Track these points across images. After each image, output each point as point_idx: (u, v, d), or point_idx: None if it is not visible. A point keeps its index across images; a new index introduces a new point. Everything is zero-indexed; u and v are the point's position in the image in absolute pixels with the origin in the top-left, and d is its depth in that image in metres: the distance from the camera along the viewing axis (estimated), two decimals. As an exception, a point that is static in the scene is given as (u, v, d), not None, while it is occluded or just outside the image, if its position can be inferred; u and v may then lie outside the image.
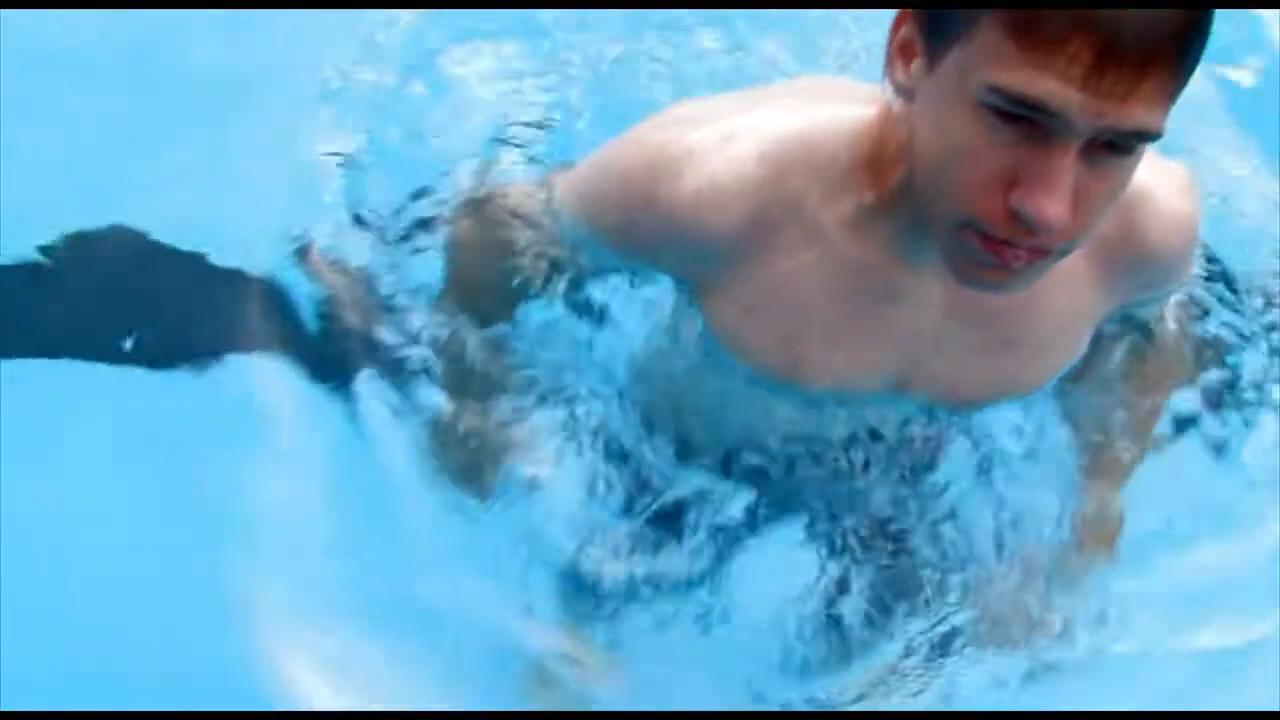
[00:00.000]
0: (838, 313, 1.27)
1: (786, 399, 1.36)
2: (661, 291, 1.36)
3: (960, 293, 1.22)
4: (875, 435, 1.41)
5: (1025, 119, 1.02)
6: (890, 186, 1.18)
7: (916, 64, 1.10)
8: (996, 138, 1.03)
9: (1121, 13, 0.97)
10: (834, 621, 1.48)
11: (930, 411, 1.39)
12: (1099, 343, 1.39)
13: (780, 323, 1.28)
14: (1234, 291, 1.61)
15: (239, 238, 1.66)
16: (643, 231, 1.25)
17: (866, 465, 1.44)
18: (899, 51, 1.12)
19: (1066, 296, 1.29)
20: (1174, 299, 1.45)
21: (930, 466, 1.46)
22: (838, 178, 1.22)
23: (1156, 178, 1.27)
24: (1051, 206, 1.02)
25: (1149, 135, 1.03)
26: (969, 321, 1.28)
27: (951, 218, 1.09)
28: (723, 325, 1.30)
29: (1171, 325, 1.46)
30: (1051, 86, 0.99)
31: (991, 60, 1.01)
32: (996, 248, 1.07)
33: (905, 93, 1.12)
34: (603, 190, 1.28)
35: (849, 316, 1.27)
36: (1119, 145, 1.03)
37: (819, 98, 1.28)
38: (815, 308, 1.27)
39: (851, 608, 1.48)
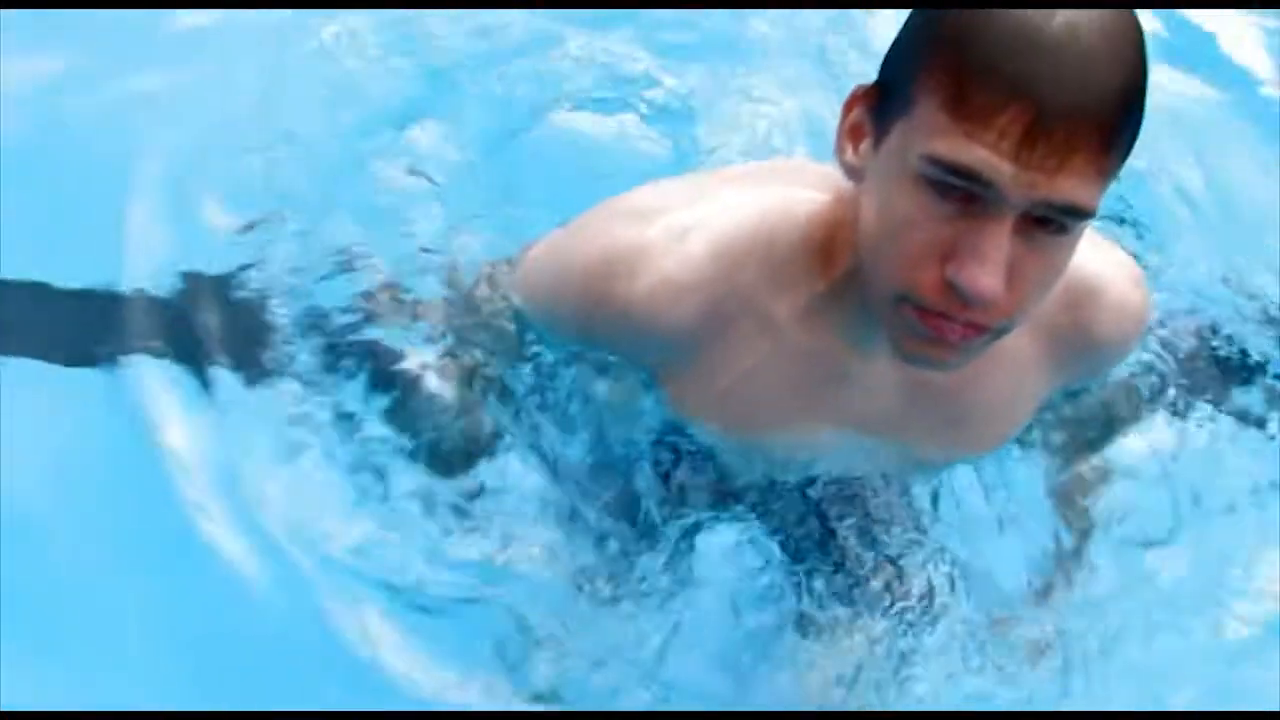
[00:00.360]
0: (793, 399, 1.30)
1: (750, 455, 1.39)
2: (620, 369, 1.37)
3: (910, 375, 1.25)
4: (840, 481, 1.43)
5: (962, 192, 1.04)
6: (841, 271, 1.20)
7: (865, 144, 1.13)
8: (934, 211, 1.05)
9: (1052, 86, 0.99)
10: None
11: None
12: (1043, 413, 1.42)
13: (737, 408, 1.31)
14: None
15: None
16: (599, 326, 1.26)
17: (829, 504, 1.45)
18: (849, 133, 1.15)
19: (1013, 378, 1.32)
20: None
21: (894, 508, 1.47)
22: (790, 268, 1.24)
23: (1109, 269, 1.31)
24: (985, 278, 1.04)
25: (1082, 211, 1.04)
26: (919, 402, 1.31)
27: (890, 292, 1.11)
28: (681, 407, 1.33)
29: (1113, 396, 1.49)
30: (983, 154, 1.01)
31: (929, 133, 1.04)
32: (934, 321, 1.09)
33: (855, 173, 1.15)
34: (558, 284, 1.29)
35: (804, 402, 1.30)
36: (1055, 223, 1.05)
37: (773, 182, 1.29)
38: (771, 395, 1.29)
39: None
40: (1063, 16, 0.99)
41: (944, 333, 1.09)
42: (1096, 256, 1.28)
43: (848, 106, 1.14)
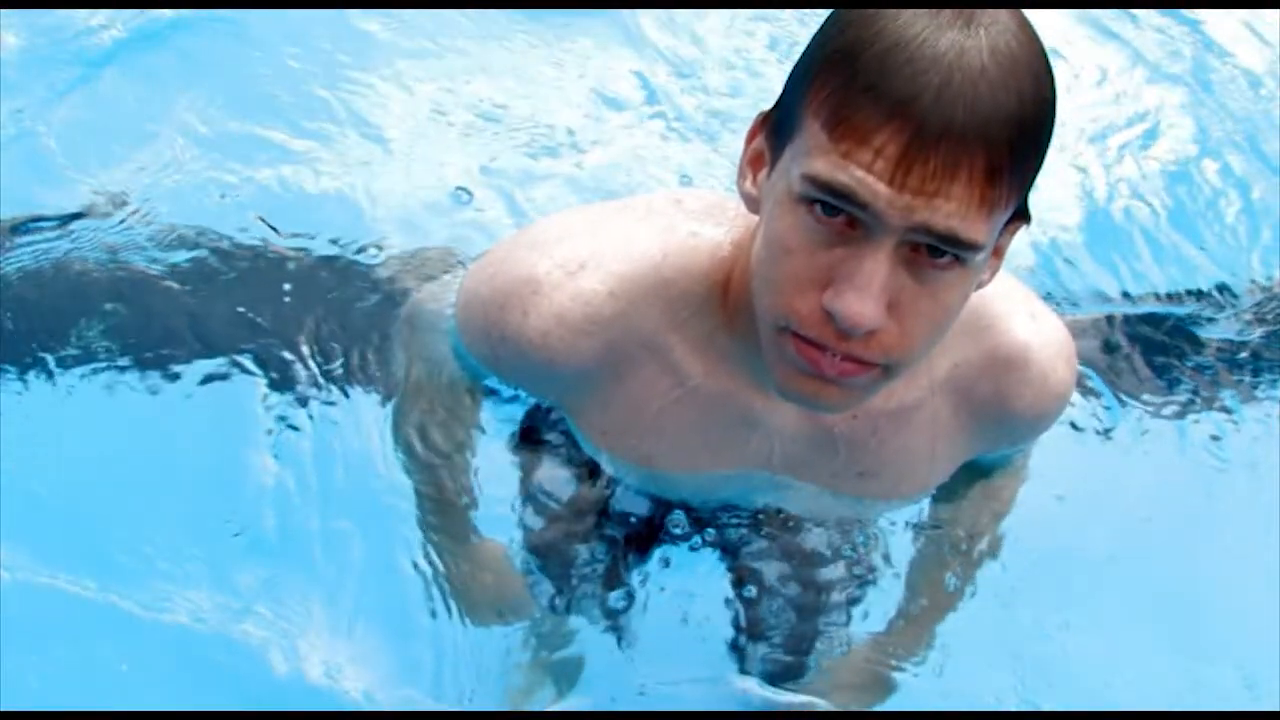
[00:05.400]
0: (695, 440, 1.27)
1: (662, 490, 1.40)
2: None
3: (814, 421, 1.22)
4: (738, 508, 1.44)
5: (842, 216, 0.99)
6: (739, 309, 1.16)
7: (763, 173, 1.08)
8: (815, 236, 1.01)
9: (933, 106, 0.94)
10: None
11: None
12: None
13: (638, 445, 1.28)
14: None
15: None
16: (504, 363, 1.24)
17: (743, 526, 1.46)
18: (751, 163, 1.10)
19: (927, 439, 1.27)
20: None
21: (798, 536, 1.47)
22: (691, 308, 1.20)
23: (1039, 340, 1.25)
24: (859, 303, 0.99)
25: (965, 240, 0.98)
26: (825, 451, 1.27)
27: (771, 320, 1.06)
28: (586, 440, 1.32)
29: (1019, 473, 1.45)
30: (859, 174, 0.96)
31: (808, 153, 1.00)
32: (811, 353, 1.04)
33: (753, 203, 1.10)
34: (468, 320, 1.26)
35: (705, 443, 1.27)
36: (945, 255, 0.99)
37: (679, 216, 1.23)
38: (672, 435, 1.26)
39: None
40: (952, 37, 0.94)
41: (821, 366, 1.03)
42: (1030, 327, 1.22)
43: (750, 134, 1.10)
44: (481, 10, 2.17)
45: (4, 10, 2.03)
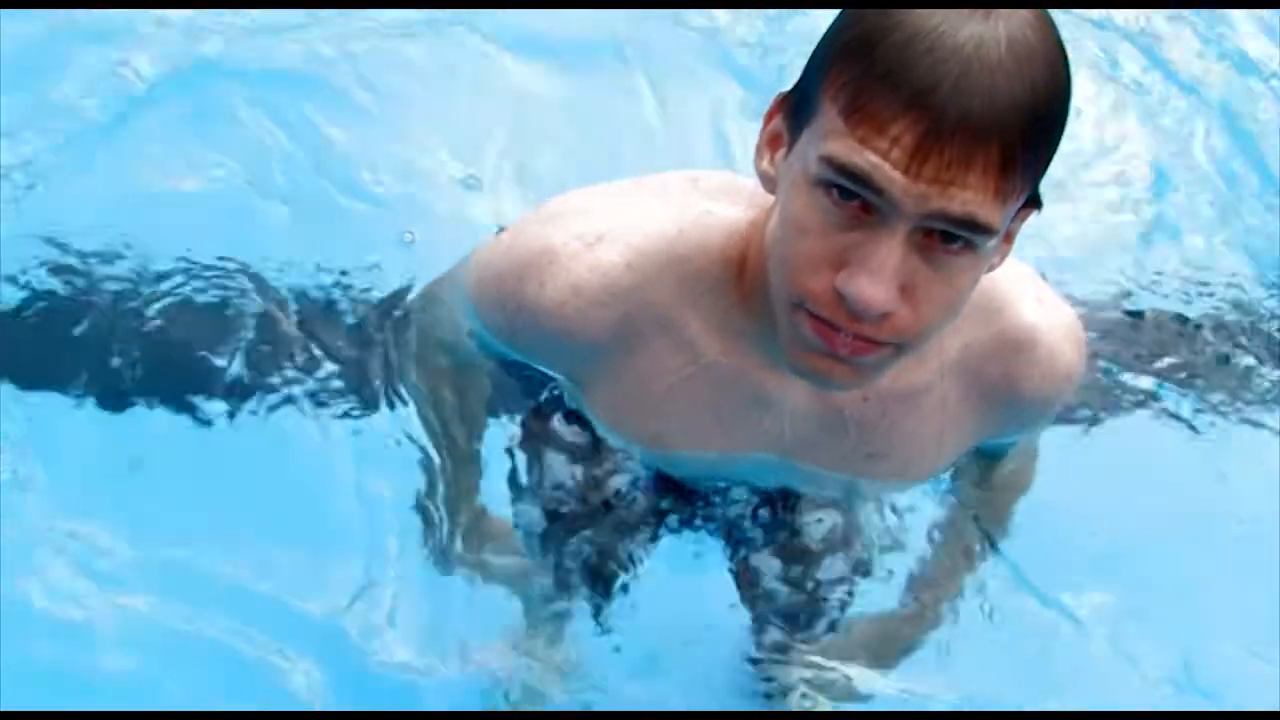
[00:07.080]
0: (706, 418, 1.28)
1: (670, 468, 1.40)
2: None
3: (825, 401, 1.23)
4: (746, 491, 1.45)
5: (858, 200, 1.01)
6: (753, 289, 1.18)
7: (780, 153, 1.10)
8: (830, 218, 1.03)
9: (949, 98, 0.95)
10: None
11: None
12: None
13: (649, 422, 1.30)
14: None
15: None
16: (519, 334, 1.26)
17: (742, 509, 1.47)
18: (769, 143, 1.12)
19: (936, 422, 1.28)
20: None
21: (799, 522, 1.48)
22: (705, 285, 1.21)
23: (1047, 323, 1.26)
24: (871, 287, 1.00)
25: (979, 228, 1.00)
26: (836, 432, 1.28)
27: (785, 297, 1.08)
28: (597, 416, 1.33)
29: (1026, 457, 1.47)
30: (875, 161, 0.98)
31: (825, 136, 1.01)
32: (824, 331, 1.06)
33: (769, 183, 1.12)
34: (483, 291, 1.27)
35: (717, 421, 1.28)
36: (958, 240, 1.01)
37: (694, 195, 1.25)
38: (683, 412, 1.27)
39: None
40: (972, 29, 0.95)
41: (833, 344, 1.05)
42: (1037, 310, 1.24)
43: (769, 115, 1.11)
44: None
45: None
